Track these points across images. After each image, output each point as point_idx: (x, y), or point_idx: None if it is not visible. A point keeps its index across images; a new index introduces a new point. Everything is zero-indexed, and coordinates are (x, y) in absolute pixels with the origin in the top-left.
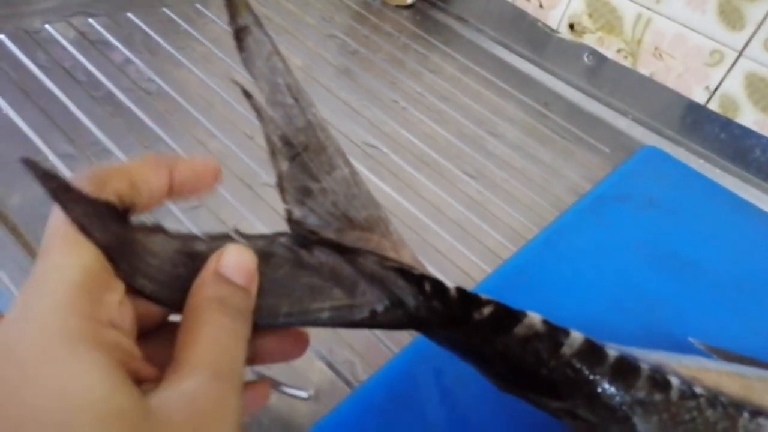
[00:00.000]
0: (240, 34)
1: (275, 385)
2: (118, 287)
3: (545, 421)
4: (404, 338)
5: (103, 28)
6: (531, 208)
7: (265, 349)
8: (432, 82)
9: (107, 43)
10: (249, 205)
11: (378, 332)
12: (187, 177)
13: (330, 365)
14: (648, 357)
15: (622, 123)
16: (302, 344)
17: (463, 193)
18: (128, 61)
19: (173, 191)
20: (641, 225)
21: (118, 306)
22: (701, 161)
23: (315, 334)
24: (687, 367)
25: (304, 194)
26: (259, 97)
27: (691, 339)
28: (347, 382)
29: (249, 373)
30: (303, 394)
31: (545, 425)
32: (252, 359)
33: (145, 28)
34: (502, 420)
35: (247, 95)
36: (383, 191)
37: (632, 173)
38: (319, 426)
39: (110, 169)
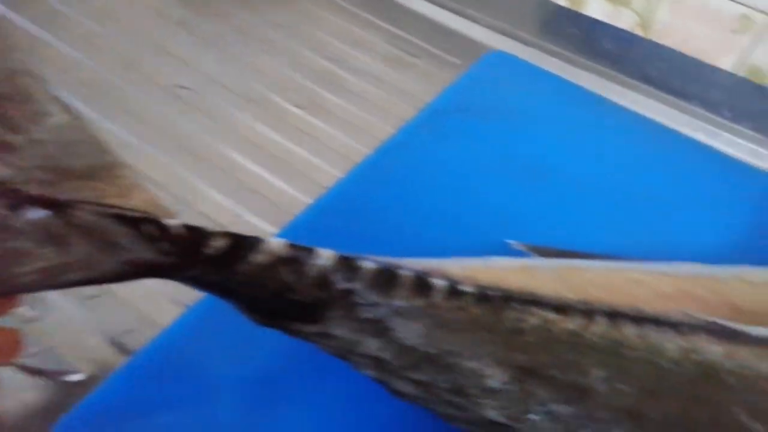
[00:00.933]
0: None
1: (36, 373)
2: None
3: (345, 373)
4: (198, 295)
5: None
6: (369, 132)
7: None
8: (266, 13)
9: None
10: None
11: (168, 292)
12: None
13: (110, 339)
14: (418, 264)
15: (475, 31)
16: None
17: (290, 126)
18: None
19: None
20: (485, 135)
21: None
22: (555, 60)
23: (92, 306)
24: (466, 268)
25: (5, 150)
26: None
27: (508, 240)
28: (131, 354)
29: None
30: (76, 376)
31: (345, 375)
32: None
33: None
34: (303, 375)
35: None
36: (194, 135)
37: (474, 81)
38: (85, 403)
39: None
